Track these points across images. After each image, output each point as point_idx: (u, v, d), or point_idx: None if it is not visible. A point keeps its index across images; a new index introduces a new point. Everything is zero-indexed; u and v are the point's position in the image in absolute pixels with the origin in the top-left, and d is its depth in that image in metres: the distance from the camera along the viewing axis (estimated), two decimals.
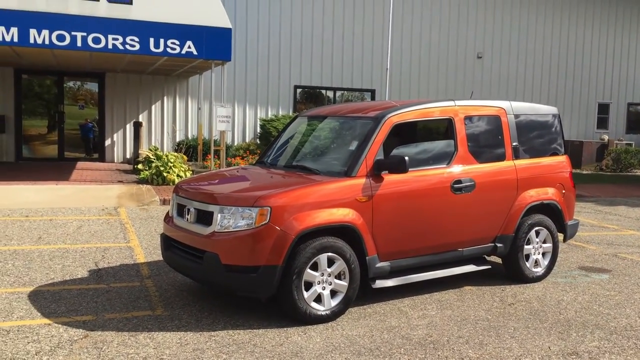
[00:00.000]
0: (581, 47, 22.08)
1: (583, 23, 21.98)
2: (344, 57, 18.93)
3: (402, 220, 5.50)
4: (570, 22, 21.79)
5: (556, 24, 21.57)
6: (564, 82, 21.96)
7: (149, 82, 17.32)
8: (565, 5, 21.68)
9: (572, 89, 22.10)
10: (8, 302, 5.40)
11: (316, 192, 5.13)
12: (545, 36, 21.47)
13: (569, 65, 21.98)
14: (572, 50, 21.99)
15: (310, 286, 5.05)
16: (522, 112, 6.59)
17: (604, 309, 5.72)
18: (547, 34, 21.49)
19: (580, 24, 21.95)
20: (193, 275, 5.35)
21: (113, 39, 11.76)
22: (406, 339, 4.82)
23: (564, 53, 21.86)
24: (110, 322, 5.00)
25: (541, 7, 21.31)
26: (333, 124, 6.37)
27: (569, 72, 21.99)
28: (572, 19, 21.82)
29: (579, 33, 21.95)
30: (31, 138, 17.21)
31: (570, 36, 21.86)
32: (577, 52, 22.05)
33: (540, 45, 21.43)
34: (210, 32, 12.40)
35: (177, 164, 13.10)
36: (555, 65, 21.76)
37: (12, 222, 8.89)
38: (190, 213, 5.34)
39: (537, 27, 21.31)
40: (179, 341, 4.63)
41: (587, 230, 9.85)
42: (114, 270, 6.56)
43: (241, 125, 18.26)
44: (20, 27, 11.17)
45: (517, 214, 6.31)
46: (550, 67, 21.70)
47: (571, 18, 21.79)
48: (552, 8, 21.47)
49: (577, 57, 22.07)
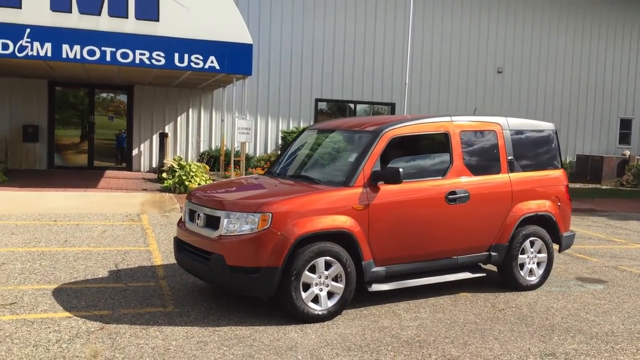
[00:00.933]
0: (603, 62, 22.12)
1: (605, 38, 22.03)
2: (364, 71, 19.36)
3: (397, 228, 5.87)
4: (592, 37, 21.87)
5: (577, 38, 21.67)
6: (585, 97, 22.01)
7: (175, 94, 17.99)
8: (587, 20, 21.78)
9: (593, 103, 22.12)
10: (34, 297, 5.91)
11: (315, 200, 5.54)
12: (566, 51, 21.59)
13: (591, 80, 22.02)
14: (594, 65, 22.04)
15: (308, 287, 5.44)
16: (518, 128, 6.91)
17: (591, 316, 5.99)
18: (568, 49, 21.61)
19: (602, 39, 22.00)
20: (201, 276, 5.79)
21: (140, 54, 12.41)
22: (395, 338, 5.17)
23: (585, 68, 21.93)
24: (125, 316, 5.46)
25: (562, 22, 21.45)
26: (336, 137, 6.78)
27: (590, 87, 22.04)
28: (594, 34, 21.90)
29: (600, 48, 22.00)
30: (63, 147, 18.00)
31: (592, 51, 21.93)
32: (598, 67, 22.09)
33: (561, 60, 21.55)
34: (232, 48, 12.97)
35: (198, 173, 13.65)
36: (577, 80, 21.84)
37: (42, 225, 9.49)
38: (200, 218, 5.80)
39: (557, 41, 21.45)
40: (186, 334, 5.07)
41: (594, 243, 10.03)
42: (132, 271, 7.05)
43: (263, 137, 18.79)
44: (53, 42, 11.88)
45: (511, 224, 6.62)
46: (572, 82, 21.78)
47: (593, 33, 21.87)
48: (573, 23, 21.60)
49: (598, 72, 22.10)
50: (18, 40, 11.73)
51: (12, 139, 16.81)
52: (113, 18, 12.22)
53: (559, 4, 21.36)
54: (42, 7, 11.82)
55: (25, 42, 11.75)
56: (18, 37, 11.73)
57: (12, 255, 7.54)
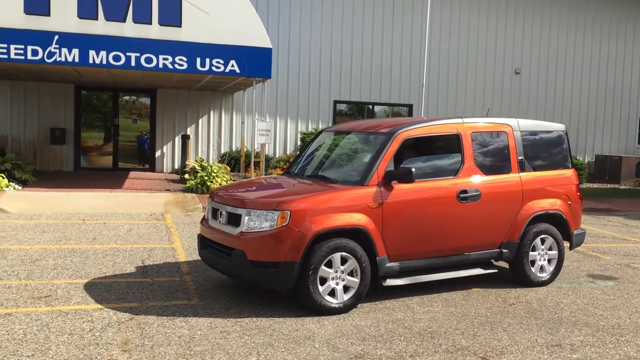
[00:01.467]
0: (622, 62, 22.06)
1: (624, 39, 21.97)
2: (382, 72, 19.60)
3: (410, 225, 6.13)
4: (611, 38, 21.83)
5: (595, 39, 21.65)
6: (603, 97, 21.97)
7: (196, 97, 18.42)
8: (605, 21, 21.74)
9: (612, 104, 22.07)
10: (67, 291, 6.28)
11: (332, 198, 5.83)
12: (584, 51, 21.58)
13: (609, 81, 21.98)
14: (612, 66, 21.99)
15: (325, 281, 5.73)
16: (529, 129, 7.12)
17: (599, 310, 6.18)
18: (587, 50, 21.60)
19: (621, 40, 21.94)
20: (224, 270, 6.11)
21: (163, 59, 12.81)
22: (408, 329, 5.43)
23: (604, 68, 21.89)
24: (152, 308, 5.80)
25: (580, 23, 21.46)
26: (352, 138, 7.06)
27: (609, 87, 21.99)
28: (612, 35, 21.85)
29: (619, 49, 21.95)
30: (88, 149, 18.53)
31: (610, 52, 21.88)
32: (617, 67, 22.03)
33: (579, 60, 21.55)
34: (252, 52, 13.32)
35: (220, 174, 14.02)
36: (595, 80, 21.82)
37: (71, 224, 9.92)
38: (222, 216, 6.12)
39: (575, 42, 21.45)
40: (209, 325, 5.38)
41: (608, 242, 10.16)
42: (157, 267, 7.40)
43: (283, 138, 19.13)
44: (81, 48, 12.33)
45: (522, 222, 6.83)
46: (590, 83, 21.76)
47: (611, 34, 21.83)
48: (591, 24, 21.59)
49: (617, 73, 22.05)
50: (47, 47, 12.20)
51: (40, 141, 17.37)
52: (137, 24, 12.64)
53: (577, 5, 21.37)
54: (69, 14, 12.28)
55: (54, 48, 12.22)
56: (47, 43, 12.20)
57: (44, 252, 7.95)
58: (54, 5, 12.18)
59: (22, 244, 8.37)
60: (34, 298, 5.98)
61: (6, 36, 11.98)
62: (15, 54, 12.08)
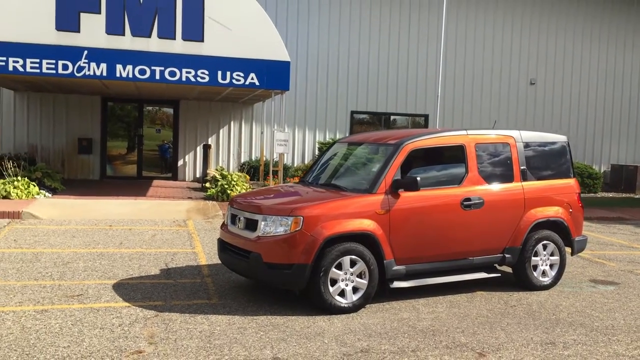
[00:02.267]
0: (637, 71, 22.18)
1: (639, 48, 22.13)
2: (398, 83, 20.01)
3: (415, 231, 6.53)
4: (626, 48, 21.97)
5: (610, 48, 21.83)
6: (619, 106, 22.09)
7: (218, 108, 19.02)
8: (621, 31, 21.91)
9: (628, 113, 22.18)
10: (97, 290, 6.79)
11: (342, 205, 6.26)
12: (599, 61, 21.76)
13: (625, 90, 22.10)
14: (628, 75, 22.11)
15: (335, 282, 6.15)
16: (531, 140, 7.50)
17: (596, 312, 6.51)
18: (602, 59, 21.78)
19: (637, 49, 22.07)
20: (241, 272, 6.57)
21: (186, 72, 13.40)
22: (411, 327, 5.83)
23: (619, 77, 22.03)
24: (176, 306, 6.28)
25: (595, 33, 21.65)
26: (363, 149, 7.50)
27: (625, 96, 22.11)
28: (628, 45, 22.00)
29: (635, 58, 22.08)
30: (114, 158, 19.21)
31: (625, 61, 22.02)
32: (633, 76, 22.15)
33: (594, 70, 21.74)
34: (270, 65, 13.85)
35: (239, 182, 14.54)
36: (610, 90, 21.96)
37: (99, 230, 10.48)
38: (240, 221, 6.59)
39: (591, 52, 21.66)
40: (228, 322, 5.84)
41: (615, 249, 10.42)
42: (180, 270, 7.89)
43: (301, 148, 19.62)
44: (108, 63, 12.97)
45: (524, 228, 7.19)
46: (605, 92, 21.91)
47: (626, 43, 21.98)
48: (606, 34, 21.77)
49: (632, 82, 22.16)
50: (77, 61, 12.87)
51: (69, 151, 18.09)
52: (162, 40, 13.25)
53: (592, 16, 21.58)
54: (98, 31, 12.94)
55: (83, 62, 12.87)
56: (77, 58, 12.86)
57: (75, 255, 8.49)
58: (84, 22, 12.85)
59: (54, 247, 8.94)
60: (67, 296, 6.49)
61: (39, 52, 12.67)
62: (46, 68, 12.75)
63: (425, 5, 20.02)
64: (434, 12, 19.79)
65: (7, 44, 12.58)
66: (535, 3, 21.05)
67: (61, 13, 12.73)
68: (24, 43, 12.63)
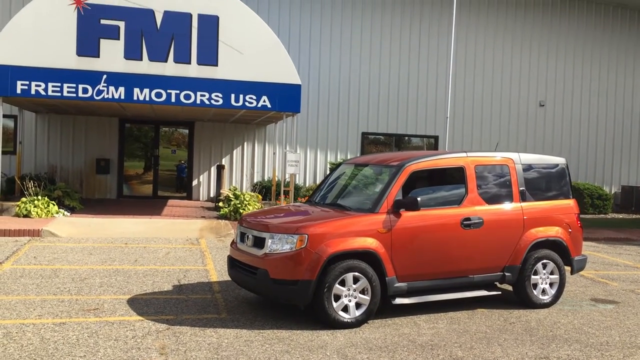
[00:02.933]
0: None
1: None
2: (408, 105, 20.36)
3: (416, 249, 6.80)
4: (635, 70, 22.17)
5: (620, 71, 22.03)
6: (629, 128, 22.22)
7: (231, 129, 19.48)
8: (630, 55, 22.13)
9: (638, 135, 22.28)
10: (112, 305, 7.12)
11: (345, 224, 6.56)
12: (608, 82, 21.96)
13: (635, 112, 22.24)
14: (638, 97, 22.27)
15: (338, 298, 6.42)
16: (530, 162, 7.76)
17: (592, 330, 6.70)
18: (611, 80, 21.98)
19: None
20: (249, 287, 6.86)
21: (201, 95, 13.87)
22: (411, 342, 6.07)
23: (629, 99, 22.19)
24: (187, 320, 6.58)
25: (604, 56, 21.89)
26: (367, 170, 7.81)
27: (635, 118, 22.24)
28: (638, 68, 22.19)
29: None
30: (130, 178, 19.69)
31: (635, 83, 22.20)
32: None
33: (603, 91, 21.92)
34: (282, 88, 14.29)
35: (252, 202, 14.88)
36: (620, 111, 22.12)
37: (115, 247, 10.86)
38: (249, 239, 6.91)
39: (600, 73, 21.87)
40: (236, 335, 6.13)
41: (619, 270, 10.56)
42: (192, 286, 8.21)
43: (312, 168, 19.97)
44: (126, 86, 13.49)
45: (523, 248, 7.42)
46: (615, 114, 22.07)
47: (635, 66, 22.18)
48: (615, 56, 22.00)
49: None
50: (96, 85, 13.39)
51: (87, 171, 18.61)
52: (178, 64, 13.75)
53: (600, 39, 21.85)
54: (117, 56, 13.47)
55: (102, 86, 13.40)
56: (96, 82, 13.39)
57: (92, 271, 8.85)
58: (103, 48, 13.40)
59: (72, 264, 9.31)
60: (84, 310, 6.83)
61: (60, 76, 13.22)
62: (67, 91, 13.29)
63: (435, 28, 20.43)
64: (443, 35, 20.18)
65: (31, 69, 13.15)
66: (544, 26, 21.37)
67: (82, 39, 13.30)
68: (47, 68, 13.19)
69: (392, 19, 20.16)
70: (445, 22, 20.02)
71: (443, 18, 20.22)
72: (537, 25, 21.31)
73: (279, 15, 19.19)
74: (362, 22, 19.94)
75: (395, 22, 20.18)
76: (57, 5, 13.28)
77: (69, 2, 13.27)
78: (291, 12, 19.40)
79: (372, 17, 20.02)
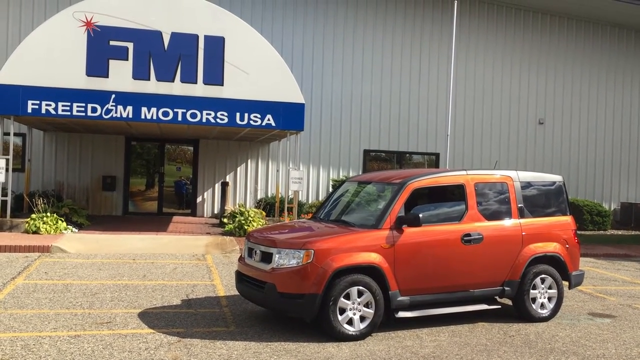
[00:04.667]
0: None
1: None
2: (409, 123, 20.69)
3: (418, 264, 7.04)
4: (633, 88, 22.52)
5: (618, 89, 22.39)
6: (627, 145, 22.51)
7: (235, 147, 19.80)
8: (627, 72, 22.50)
9: (636, 152, 22.56)
10: (124, 318, 7.35)
11: (350, 240, 6.81)
12: (607, 100, 22.30)
13: (633, 129, 22.55)
14: (635, 115, 22.60)
15: (343, 311, 6.65)
16: (528, 180, 8.03)
17: (590, 343, 6.91)
18: (609, 98, 22.33)
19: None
20: (257, 301, 7.10)
21: (207, 114, 14.20)
22: (414, 354, 6.29)
23: (627, 117, 22.51)
24: (196, 333, 6.81)
25: (602, 73, 22.26)
26: (369, 187, 8.08)
27: (633, 135, 22.54)
28: (635, 84, 22.55)
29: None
30: (136, 195, 19.96)
31: (633, 100, 22.54)
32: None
33: (602, 109, 22.26)
34: (286, 107, 14.62)
35: (256, 218, 15.13)
36: (619, 128, 22.43)
37: (123, 263, 11.10)
38: (256, 254, 7.16)
39: (598, 91, 22.23)
40: (245, 347, 6.35)
41: (617, 285, 10.77)
42: (200, 300, 8.44)
43: (315, 185, 20.25)
44: (134, 106, 13.83)
45: (522, 263, 7.66)
46: (614, 131, 22.38)
47: (633, 84, 22.54)
48: (613, 73, 22.37)
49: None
50: (105, 104, 13.73)
51: (93, 188, 18.90)
52: (184, 84, 14.11)
53: (599, 57, 22.24)
54: (125, 76, 13.83)
55: (111, 105, 13.74)
56: (105, 101, 13.73)
57: (102, 286, 9.09)
58: (112, 68, 13.76)
59: (82, 279, 9.55)
60: (97, 323, 7.06)
61: (70, 96, 13.57)
62: (77, 111, 13.63)
63: (435, 48, 20.83)
64: (443, 54, 20.57)
65: (41, 89, 13.50)
66: (542, 46, 21.77)
67: (92, 60, 13.67)
68: (57, 88, 13.55)
69: (394, 39, 20.57)
70: (445, 41, 20.42)
71: (443, 38, 20.63)
72: (536, 45, 21.71)
73: (282, 36, 19.61)
74: (364, 42, 20.35)
75: (396, 41, 20.59)
76: (68, 27, 13.66)
77: (79, 24, 13.66)
78: (294, 32, 19.82)
79: (374, 37, 20.43)
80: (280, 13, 19.74)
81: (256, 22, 18.72)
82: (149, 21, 14.00)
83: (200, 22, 14.33)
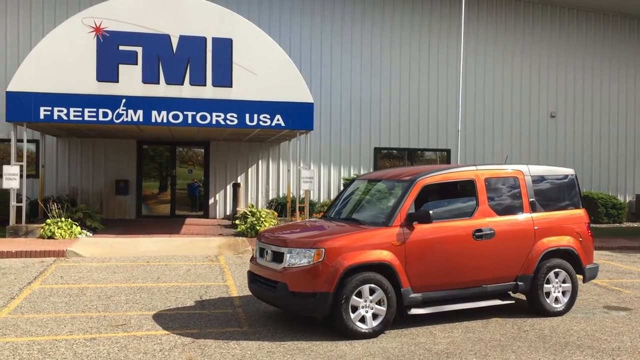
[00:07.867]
0: None
1: None
2: (419, 120, 20.63)
3: (430, 260, 7.02)
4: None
5: (630, 81, 22.16)
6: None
7: (246, 148, 19.86)
8: (639, 63, 22.26)
9: None
10: (139, 320, 7.41)
11: (360, 238, 6.81)
12: (619, 92, 22.09)
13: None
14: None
15: (355, 309, 6.66)
16: (539, 174, 7.98)
17: (605, 336, 6.86)
18: (622, 92, 22.11)
19: None
20: (269, 300, 7.12)
21: (216, 116, 14.27)
22: (427, 350, 6.28)
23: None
24: (210, 334, 6.85)
25: (614, 66, 22.05)
26: (380, 185, 8.07)
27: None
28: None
29: None
30: (148, 198, 20.09)
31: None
32: None
33: (614, 102, 22.05)
34: (295, 107, 14.64)
35: (268, 219, 15.17)
36: (632, 121, 22.21)
37: (137, 266, 11.18)
38: (268, 254, 7.18)
39: (610, 84, 22.02)
40: (258, 347, 6.38)
41: (633, 278, 10.67)
42: (214, 301, 8.48)
43: (326, 184, 20.26)
44: (144, 109, 13.92)
45: (535, 257, 7.62)
46: (627, 124, 22.17)
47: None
48: (625, 65, 22.15)
49: None
50: (115, 109, 13.84)
51: (107, 192, 19.06)
52: (194, 87, 14.18)
53: (610, 49, 22.03)
54: (135, 80, 13.93)
55: (122, 110, 13.84)
56: (115, 106, 13.84)
57: (117, 289, 9.16)
58: (122, 73, 13.87)
59: (97, 283, 9.63)
60: (113, 326, 7.12)
61: (81, 101, 13.70)
62: (88, 116, 13.75)
63: (445, 43, 20.75)
64: (453, 49, 20.48)
65: (53, 95, 13.64)
66: (552, 38, 21.62)
67: (102, 65, 13.78)
68: (68, 93, 13.68)
69: (402, 35, 20.53)
70: (454, 36, 20.33)
71: (452, 32, 20.54)
72: (545, 37, 21.56)
73: (289, 35, 19.64)
74: (372, 39, 20.32)
75: (404, 37, 20.54)
76: (77, 33, 13.79)
77: (89, 30, 13.78)
78: (302, 31, 19.84)
79: (382, 34, 20.40)
80: (288, 12, 19.78)
81: (263, 23, 18.76)
82: (157, 25, 14.09)
83: (208, 24, 14.40)
